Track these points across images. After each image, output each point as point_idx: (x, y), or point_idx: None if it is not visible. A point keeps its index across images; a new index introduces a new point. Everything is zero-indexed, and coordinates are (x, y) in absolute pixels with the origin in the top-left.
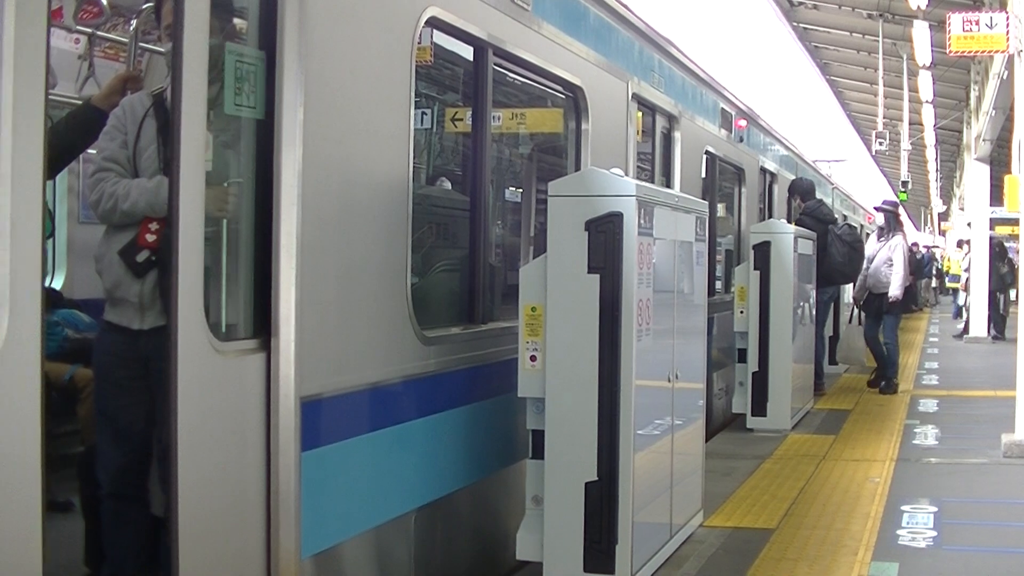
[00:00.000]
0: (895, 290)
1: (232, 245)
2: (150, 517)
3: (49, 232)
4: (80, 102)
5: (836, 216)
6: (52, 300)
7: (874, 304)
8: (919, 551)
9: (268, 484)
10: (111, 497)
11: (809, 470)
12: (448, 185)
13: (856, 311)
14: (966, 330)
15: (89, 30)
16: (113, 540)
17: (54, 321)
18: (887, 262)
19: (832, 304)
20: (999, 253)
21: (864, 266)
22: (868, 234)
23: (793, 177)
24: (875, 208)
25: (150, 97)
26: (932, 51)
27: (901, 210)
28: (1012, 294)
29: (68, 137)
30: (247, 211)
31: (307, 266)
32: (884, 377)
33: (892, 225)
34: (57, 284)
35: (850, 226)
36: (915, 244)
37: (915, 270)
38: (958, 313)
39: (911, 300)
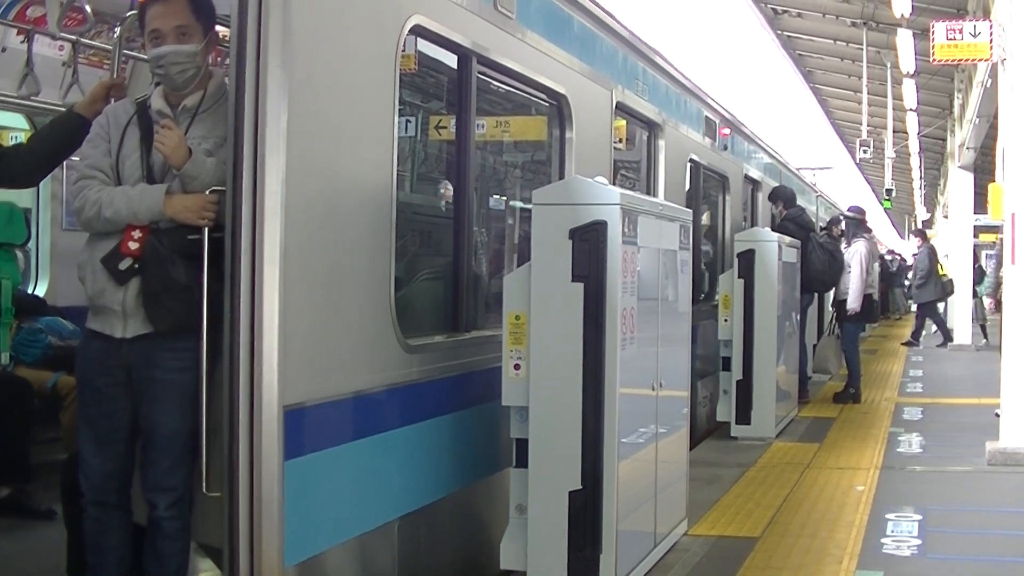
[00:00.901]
0: (851, 301)
1: None
2: (132, 525)
3: (24, 239)
4: (64, 109)
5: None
6: (35, 307)
7: (840, 312)
8: (904, 559)
9: (252, 492)
10: (93, 505)
11: (794, 478)
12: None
13: (832, 320)
14: (947, 338)
15: (73, 37)
16: (95, 548)
17: (37, 328)
18: (848, 269)
19: (816, 311)
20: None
21: None
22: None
23: (778, 184)
24: (841, 216)
25: (134, 104)
26: (916, 59)
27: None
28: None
29: (51, 144)
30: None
31: (290, 274)
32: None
33: (853, 232)
34: (40, 291)
35: (830, 234)
36: (890, 251)
37: (885, 278)
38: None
39: (871, 310)
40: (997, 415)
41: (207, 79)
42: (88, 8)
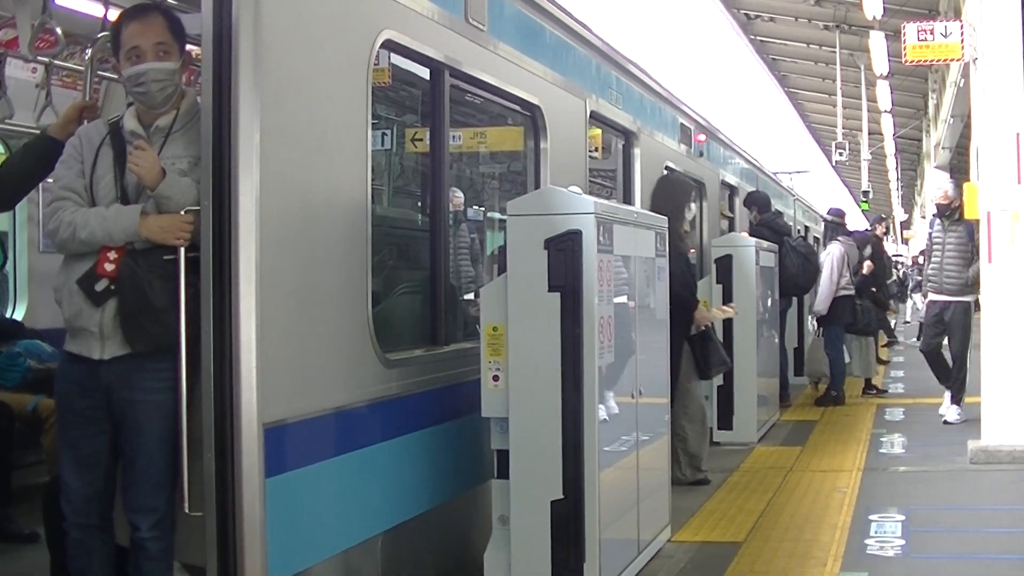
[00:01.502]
0: (818, 303)
1: None
2: (116, 547)
3: (2, 263)
4: (38, 131)
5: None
6: (14, 331)
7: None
8: (888, 560)
9: (234, 510)
10: (76, 527)
11: (776, 482)
12: (460, 196)
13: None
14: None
15: (46, 59)
16: (79, 571)
17: (16, 352)
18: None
19: (795, 315)
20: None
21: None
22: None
23: (753, 189)
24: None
25: (106, 125)
26: (889, 61)
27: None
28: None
29: (26, 167)
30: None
31: (267, 291)
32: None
33: (831, 234)
34: (18, 315)
35: (803, 237)
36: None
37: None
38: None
39: (851, 312)
40: (943, 418)
41: (180, 98)
42: (59, 30)
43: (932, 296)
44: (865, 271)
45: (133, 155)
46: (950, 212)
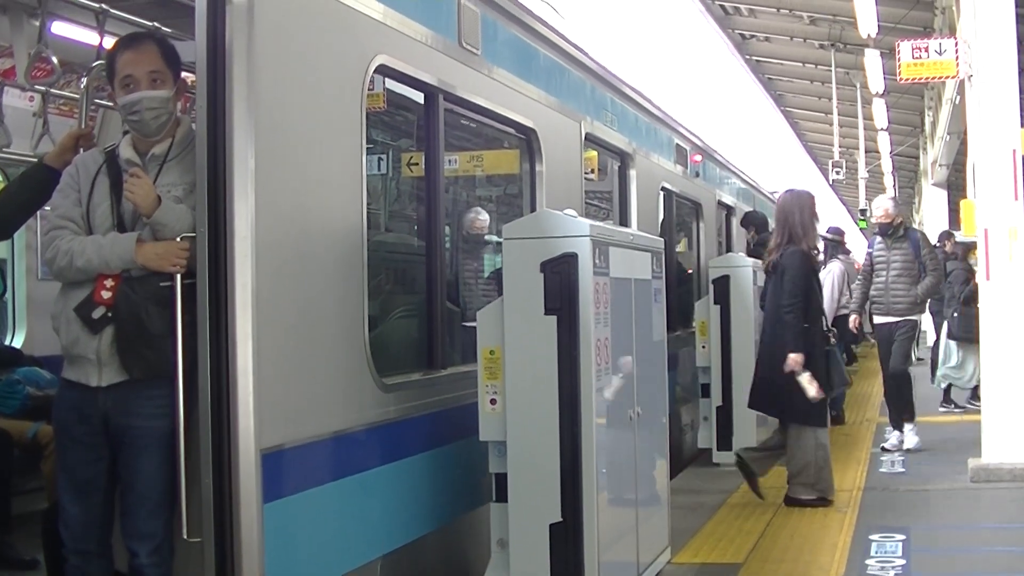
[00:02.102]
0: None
1: None
2: (114, 573)
3: (1, 291)
4: (35, 159)
5: None
6: (13, 358)
7: None
8: None
9: (232, 536)
10: (75, 554)
11: (776, 502)
12: (485, 217)
13: None
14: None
15: (43, 88)
16: None
17: (15, 379)
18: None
19: None
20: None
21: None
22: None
23: (750, 209)
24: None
25: (102, 154)
26: (885, 79)
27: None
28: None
29: (23, 195)
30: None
31: (263, 317)
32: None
33: (830, 252)
34: (17, 342)
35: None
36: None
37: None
38: None
39: (850, 331)
40: (884, 447)
41: (175, 126)
42: (55, 59)
43: (879, 319)
44: None
45: (129, 183)
46: (892, 230)
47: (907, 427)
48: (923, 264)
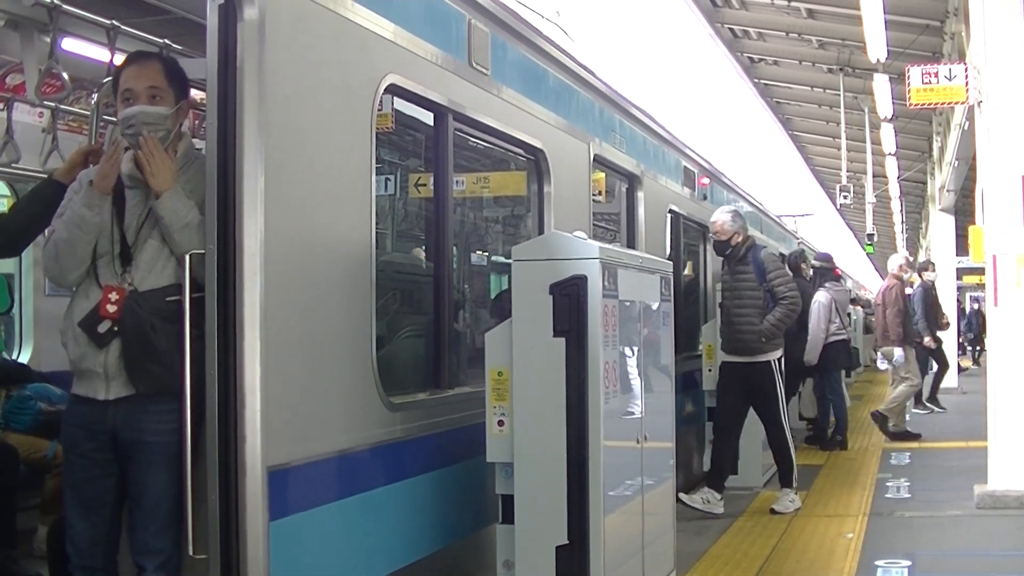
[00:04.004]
0: (808, 354)
1: None
2: None
3: (7, 307)
4: (44, 175)
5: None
6: (22, 374)
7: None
8: None
9: (238, 554)
10: (81, 570)
11: (782, 527)
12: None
13: None
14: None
15: (52, 104)
16: None
17: (26, 395)
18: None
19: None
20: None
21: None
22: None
23: (758, 232)
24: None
25: None
26: (893, 103)
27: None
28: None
29: (32, 211)
30: None
31: (271, 334)
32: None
33: (818, 280)
34: (24, 358)
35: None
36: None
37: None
38: None
39: (844, 357)
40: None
41: (177, 142)
42: (66, 75)
43: (725, 357)
44: None
45: (148, 152)
46: (731, 250)
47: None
48: (770, 291)
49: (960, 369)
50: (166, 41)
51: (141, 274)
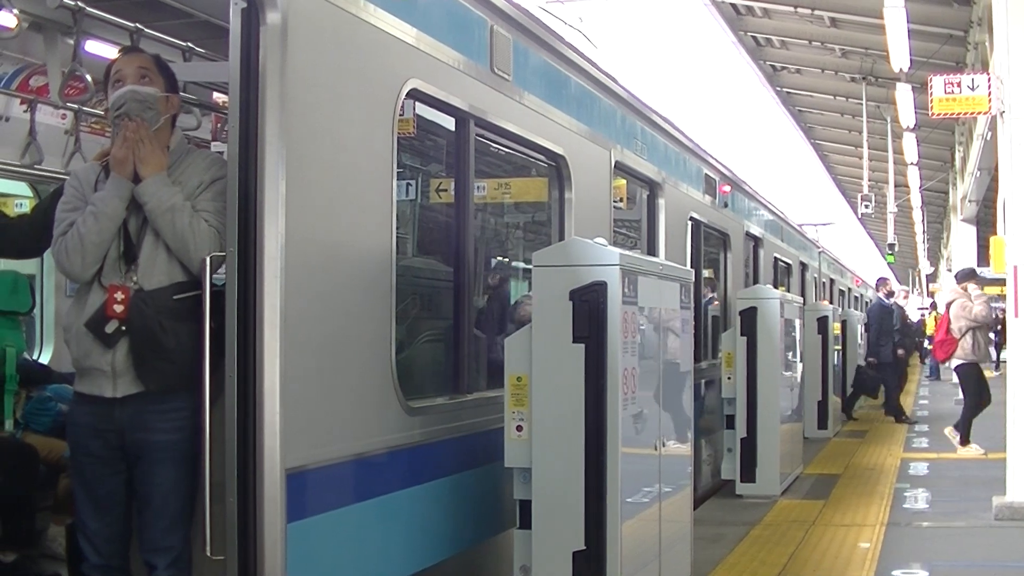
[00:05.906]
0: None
1: None
2: None
3: (29, 307)
4: (66, 177)
5: None
6: (43, 375)
7: None
8: None
9: (255, 555)
10: (98, 569)
11: (799, 536)
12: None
13: None
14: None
15: (75, 106)
16: None
17: (46, 396)
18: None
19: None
20: (882, 315)
21: None
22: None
23: (779, 240)
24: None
25: (99, 165)
26: (916, 113)
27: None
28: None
29: (53, 213)
30: None
31: (291, 337)
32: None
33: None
34: (45, 358)
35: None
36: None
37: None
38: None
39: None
40: None
41: (168, 135)
42: (89, 77)
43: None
44: None
45: (135, 137)
46: None
47: None
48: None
49: None
50: (189, 44)
51: (145, 273)
